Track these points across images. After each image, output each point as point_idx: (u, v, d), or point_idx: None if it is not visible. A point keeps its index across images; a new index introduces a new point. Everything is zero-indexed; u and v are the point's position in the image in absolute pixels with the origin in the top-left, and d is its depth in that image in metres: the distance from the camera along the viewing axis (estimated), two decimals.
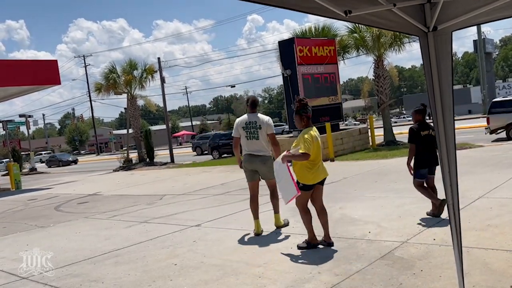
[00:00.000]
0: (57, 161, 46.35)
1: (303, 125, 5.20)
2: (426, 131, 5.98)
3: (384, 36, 17.18)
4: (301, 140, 4.99)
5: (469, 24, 2.94)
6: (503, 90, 60.29)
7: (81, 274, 5.31)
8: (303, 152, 4.93)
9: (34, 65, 18.48)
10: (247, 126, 6.28)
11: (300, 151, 4.95)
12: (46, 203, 12.84)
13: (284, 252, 5.26)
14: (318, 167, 5.15)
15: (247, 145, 6.29)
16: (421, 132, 5.98)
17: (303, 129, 5.17)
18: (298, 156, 4.98)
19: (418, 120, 6.10)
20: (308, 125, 5.17)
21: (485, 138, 17.03)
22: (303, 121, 5.18)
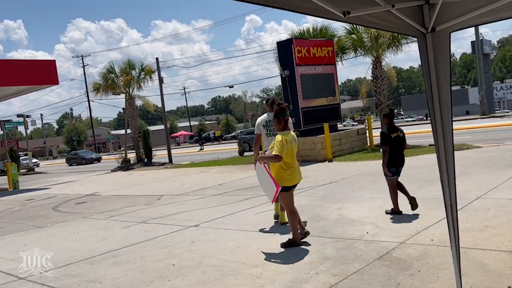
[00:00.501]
0: (80, 158, 42.39)
1: (280, 128, 5.39)
2: (395, 133, 6.40)
3: (382, 37, 17.20)
4: (276, 143, 5.21)
5: (467, 25, 2.95)
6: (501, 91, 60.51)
7: (79, 274, 5.31)
8: (276, 154, 5.15)
9: (32, 65, 18.46)
10: (267, 124, 6.77)
11: (273, 153, 5.17)
12: (44, 203, 12.82)
13: (282, 252, 5.26)
14: (294, 169, 5.40)
15: (267, 141, 6.70)
16: (391, 134, 6.37)
17: (279, 132, 5.37)
18: (272, 158, 5.22)
19: (387, 124, 6.51)
20: (285, 129, 5.39)
21: (483, 139, 17.07)
22: (280, 125, 5.38)
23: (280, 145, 5.17)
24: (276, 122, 5.42)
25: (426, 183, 8.47)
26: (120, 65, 25.22)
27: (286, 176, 5.32)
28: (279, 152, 5.14)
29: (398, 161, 6.43)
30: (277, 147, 5.17)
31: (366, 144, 17.31)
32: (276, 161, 5.22)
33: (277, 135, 5.36)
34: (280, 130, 5.39)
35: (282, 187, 5.26)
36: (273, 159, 5.22)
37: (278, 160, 5.19)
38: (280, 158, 5.17)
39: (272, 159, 5.24)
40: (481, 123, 29.63)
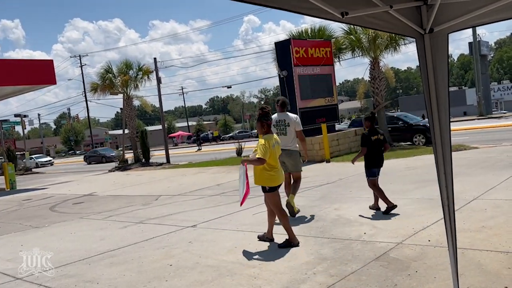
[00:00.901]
0: (100, 156, 40.30)
1: (263, 132, 5.54)
2: (376, 136, 6.71)
3: (380, 38, 17.23)
4: (259, 146, 5.37)
5: (465, 26, 2.95)
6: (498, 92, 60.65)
7: (76, 274, 5.29)
8: (259, 157, 5.30)
9: (29, 65, 18.41)
10: (278, 123, 7.12)
11: (256, 156, 5.33)
12: (41, 203, 12.79)
13: (279, 253, 5.26)
14: (277, 171, 5.55)
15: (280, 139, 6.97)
16: (371, 137, 6.68)
17: (263, 135, 5.50)
18: (255, 161, 5.35)
19: (368, 126, 6.77)
20: (268, 132, 5.54)
21: (480, 139, 17.11)
22: (264, 128, 5.53)
23: (263, 149, 5.32)
24: (259, 126, 5.58)
25: (423, 183, 8.49)
26: (118, 65, 25.21)
27: (270, 177, 5.47)
28: (262, 155, 5.30)
29: (379, 162, 6.76)
30: (260, 150, 5.33)
31: None
32: (260, 164, 5.36)
33: (260, 139, 5.51)
34: (263, 133, 5.53)
35: (268, 188, 5.48)
36: (257, 162, 5.36)
37: (262, 163, 5.34)
38: (264, 161, 5.32)
39: (256, 162, 5.37)
40: (478, 124, 29.71)
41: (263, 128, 5.54)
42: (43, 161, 46.99)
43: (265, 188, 5.52)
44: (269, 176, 5.47)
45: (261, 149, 5.33)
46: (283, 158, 6.83)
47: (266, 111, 5.61)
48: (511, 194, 6.86)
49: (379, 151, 6.73)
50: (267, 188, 5.51)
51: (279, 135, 6.89)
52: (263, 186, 5.52)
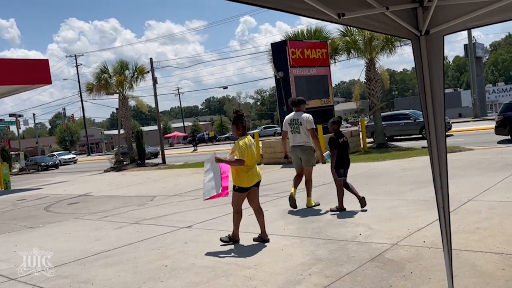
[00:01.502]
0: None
1: (239, 134, 5.73)
2: (342, 138, 7.15)
3: (375, 40, 17.28)
4: (237, 148, 5.55)
5: (461, 29, 2.96)
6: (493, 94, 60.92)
7: (70, 275, 5.27)
8: (238, 158, 5.49)
9: (25, 64, 18.33)
10: (292, 122, 7.70)
11: (235, 157, 5.52)
12: (36, 203, 12.73)
13: (275, 254, 5.26)
14: (253, 171, 5.73)
15: (291, 138, 7.72)
16: (339, 139, 7.10)
17: (239, 138, 5.68)
18: (234, 162, 5.55)
19: (335, 130, 7.20)
20: (243, 134, 5.73)
21: (475, 141, 17.18)
22: (239, 130, 5.73)
23: (241, 150, 5.52)
24: (234, 128, 5.76)
25: (418, 185, 8.51)
26: (114, 65, 25.13)
27: (245, 178, 5.64)
28: (241, 156, 5.49)
29: (346, 163, 7.17)
30: (239, 151, 5.52)
31: (359, 146, 17.37)
32: (238, 165, 5.54)
33: (237, 140, 5.66)
34: (239, 135, 5.72)
35: (239, 188, 5.68)
36: (235, 163, 5.54)
37: (241, 164, 5.52)
38: (242, 162, 5.51)
39: (234, 163, 5.55)
40: (473, 125, 29.82)
41: (238, 131, 5.73)
42: (66, 159, 44.17)
43: (235, 187, 5.71)
44: (245, 177, 5.65)
45: (240, 151, 5.52)
46: (298, 154, 7.64)
47: (241, 114, 5.85)
48: (505, 195, 6.89)
49: (345, 152, 7.15)
50: (236, 187, 5.71)
51: (293, 133, 7.62)
52: (235, 185, 5.70)
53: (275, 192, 8.74)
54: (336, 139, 7.11)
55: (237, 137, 5.74)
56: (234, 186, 5.71)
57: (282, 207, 7.96)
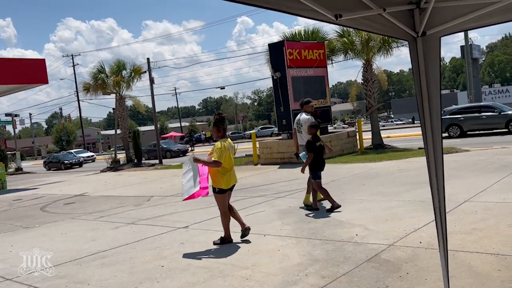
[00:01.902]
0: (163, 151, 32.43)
1: (219, 136, 5.87)
2: (319, 142, 7.45)
3: (372, 40, 17.30)
4: (215, 150, 5.67)
5: (457, 30, 2.98)
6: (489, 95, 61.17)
7: (66, 275, 5.26)
8: (215, 160, 5.61)
9: (21, 64, 18.28)
10: (297, 122, 8.06)
11: (213, 159, 5.64)
12: (32, 203, 12.69)
13: (271, 254, 5.26)
14: (230, 174, 5.85)
15: (298, 136, 8.07)
16: (316, 143, 7.38)
17: (219, 140, 5.82)
18: (211, 163, 5.66)
19: (313, 133, 7.46)
20: (223, 136, 5.87)
21: (471, 142, 17.23)
22: (219, 132, 5.87)
23: (219, 152, 5.63)
24: (215, 130, 5.90)
25: (415, 185, 8.53)
26: (111, 64, 25.06)
27: (223, 180, 5.75)
28: (218, 158, 5.61)
29: (322, 165, 7.47)
30: (216, 153, 5.63)
31: (356, 146, 17.38)
32: (215, 166, 5.65)
33: (216, 142, 5.79)
34: (219, 137, 5.85)
35: (219, 189, 5.79)
36: (213, 165, 5.65)
37: (218, 165, 5.64)
38: (219, 164, 5.62)
39: (212, 164, 5.66)
40: None
41: (219, 133, 5.86)
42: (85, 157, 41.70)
43: (215, 189, 5.79)
44: (223, 179, 5.76)
45: (218, 152, 5.63)
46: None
47: (222, 117, 5.97)
48: (501, 196, 6.91)
49: (322, 155, 7.45)
50: (216, 189, 5.79)
51: (298, 132, 8.01)
52: (215, 187, 5.79)
53: (272, 193, 8.75)
54: (314, 142, 7.39)
55: (217, 139, 5.86)
56: (214, 189, 5.80)
57: (279, 207, 7.97)
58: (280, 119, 16.08)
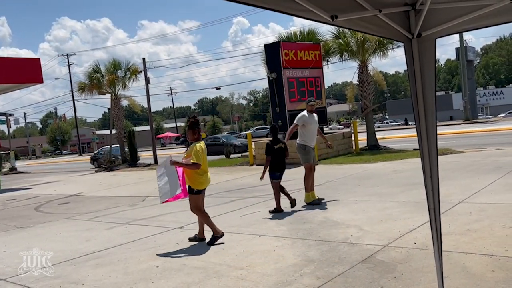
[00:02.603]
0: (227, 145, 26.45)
1: (194, 138, 5.97)
2: (278, 145, 7.70)
3: (368, 42, 17.36)
4: (193, 152, 5.76)
5: (452, 32, 2.99)
6: (484, 97, 61.52)
7: (60, 275, 5.23)
8: (195, 162, 5.72)
9: (16, 63, 18.19)
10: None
11: (192, 161, 5.73)
12: (26, 203, 12.62)
13: (266, 255, 5.26)
14: (207, 175, 5.99)
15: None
16: (274, 146, 7.65)
17: (194, 142, 5.91)
18: (191, 165, 5.75)
19: (272, 137, 7.83)
20: (198, 139, 5.97)
21: (466, 144, 17.32)
22: (195, 135, 5.97)
23: (198, 154, 5.75)
24: (191, 133, 5.97)
25: (410, 186, 8.56)
26: (106, 64, 24.96)
27: (200, 181, 5.89)
28: (198, 160, 5.72)
29: (280, 167, 7.65)
30: (195, 155, 5.74)
31: (351, 147, 17.43)
32: (195, 168, 5.76)
33: (193, 145, 5.86)
34: (194, 140, 5.95)
35: (197, 190, 5.90)
36: (192, 166, 5.75)
37: (197, 167, 5.75)
38: (199, 166, 5.75)
39: (191, 166, 5.75)
40: (464, 128, 30.08)
41: (194, 135, 5.95)
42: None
43: (193, 190, 5.87)
44: (200, 180, 5.88)
45: (197, 155, 5.74)
46: None
47: (197, 120, 6.12)
48: (495, 197, 6.95)
49: (281, 157, 7.65)
50: (194, 191, 5.88)
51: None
52: (192, 188, 5.87)
53: (267, 193, 8.75)
54: (272, 145, 7.65)
55: (192, 142, 5.95)
56: (192, 190, 5.87)
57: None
58: (276, 119, 16.09)
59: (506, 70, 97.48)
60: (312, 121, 8.12)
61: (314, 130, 8.14)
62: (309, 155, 8.06)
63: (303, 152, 8.06)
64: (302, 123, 8.06)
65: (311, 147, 8.09)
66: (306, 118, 8.07)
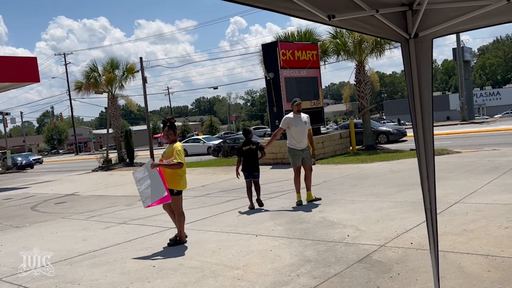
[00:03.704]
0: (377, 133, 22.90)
1: (173, 140, 6.01)
2: (248, 146, 8.16)
3: (365, 42, 17.38)
4: (176, 152, 5.79)
5: (449, 32, 2.99)
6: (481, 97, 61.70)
7: (57, 275, 5.21)
8: (179, 161, 5.76)
9: (12, 62, 18.13)
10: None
11: (175, 160, 5.75)
12: (22, 202, 12.58)
13: (263, 254, 5.26)
14: (185, 176, 6.05)
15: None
16: (243, 147, 8.17)
17: (172, 143, 5.95)
18: (175, 165, 5.78)
19: (245, 138, 8.33)
20: (175, 140, 6.02)
21: (462, 144, 17.36)
22: (175, 136, 6.05)
23: (181, 153, 5.82)
24: (171, 133, 6.01)
25: (406, 187, 8.57)
26: (103, 63, 24.91)
27: (181, 182, 5.95)
28: (182, 160, 5.78)
29: (250, 167, 8.12)
30: (179, 155, 5.79)
31: (348, 147, 17.45)
32: (179, 167, 5.78)
33: (172, 145, 5.90)
34: (172, 141, 5.99)
35: (177, 191, 5.92)
36: (177, 166, 5.77)
37: (181, 167, 5.78)
38: (182, 165, 5.79)
39: (176, 166, 5.77)
40: (461, 128, 30.16)
41: (174, 136, 6.03)
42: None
43: (173, 191, 5.86)
44: (180, 180, 5.93)
45: (180, 154, 5.79)
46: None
47: (174, 121, 6.19)
48: (492, 198, 6.97)
49: (251, 158, 8.12)
50: (174, 191, 5.88)
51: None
52: (173, 189, 5.86)
53: (264, 193, 8.75)
54: (241, 147, 8.20)
55: (170, 143, 5.99)
56: (172, 191, 5.84)
57: (271, 208, 7.97)
58: (273, 120, 16.08)
59: (502, 71, 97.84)
60: (298, 122, 8.01)
61: (302, 131, 8.01)
62: (295, 157, 8.03)
63: (290, 155, 8.12)
64: (286, 125, 8.05)
65: (298, 149, 7.99)
66: (290, 119, 8.05)
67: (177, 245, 6.00)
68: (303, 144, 8.03)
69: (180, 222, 6.09)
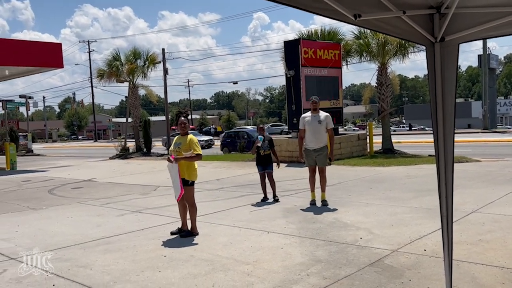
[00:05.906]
0: None
1: (187, 132, 6.05)
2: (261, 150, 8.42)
3: (389, 44, 17.16)
4: (194, 144, 5.90)
5: (476, 38, 2.94)
6: (504, 106, 60.44)
7: (70, 258, 5.30)
8: (198, 153, 5.91)
9: (38, 47, 18.42)
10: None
11: (196, 152, 5.88)
12: (40, 185, 12.82)
13: (274, 252, 5.26)
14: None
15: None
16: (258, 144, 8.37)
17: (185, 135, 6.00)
18: (194, 157, 5.91)
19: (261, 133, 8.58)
20: (187, 132, 6.05)
21: (483, 153, 17.06)
22: (189, 128, 6.14)
23: (199, 145, 5.96)
24: (187, 125, 6.07)
25: (423, 192, 8.47)
26: (126, 53, 25.11)
27: (195, 173, 6.08)
28: (200, 151, 5.96)
29: (262, 162, 8.52)
30: (197, 146, 5.91)
31: (366, 149, 17.30)
32: (198, 159, 5.97)
33: (188, 137, 5.92)
34: (186, 133, 6.02)
35: (192, 182, 6.02)
36: (196, 158, 5.93)
37: (200, 158, 5.97)
38: (201, 156, 5.99)
39: (196, 158, 5.93)
40: (482, 137, 29.61)
41: (188, 128, 6.09)
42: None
43: (188, 182, 5.95)
44: (196, 171, 6.06)
45: (198, 145, 5.93)
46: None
47: (188, 113, 6.28)
48: (510, 209, 6.83)
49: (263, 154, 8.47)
50: (189, 182, 5.97)
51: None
52: (188, 180, 5.94)
53: (279, 191, 8.74)
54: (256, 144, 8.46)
55: (183, 134, 6.01)
56: (187, 182, 5.92)
57: (284, 205, 7.96)
58: (291, 117, 16.03)
59: None
60: (311, 122, 7.90)
61: (313, 131, 7.86)
62: (307, 158, 8.01)
63: (304, 155, 8.11)
64: (302, 126, 8.07)
65: (309, 149, 7.92)
66: (303, 119, 8.06)
67: (189, 236, 6.04)
68: (315, 144, 7.85)
69: (192, 213, 6.16)
